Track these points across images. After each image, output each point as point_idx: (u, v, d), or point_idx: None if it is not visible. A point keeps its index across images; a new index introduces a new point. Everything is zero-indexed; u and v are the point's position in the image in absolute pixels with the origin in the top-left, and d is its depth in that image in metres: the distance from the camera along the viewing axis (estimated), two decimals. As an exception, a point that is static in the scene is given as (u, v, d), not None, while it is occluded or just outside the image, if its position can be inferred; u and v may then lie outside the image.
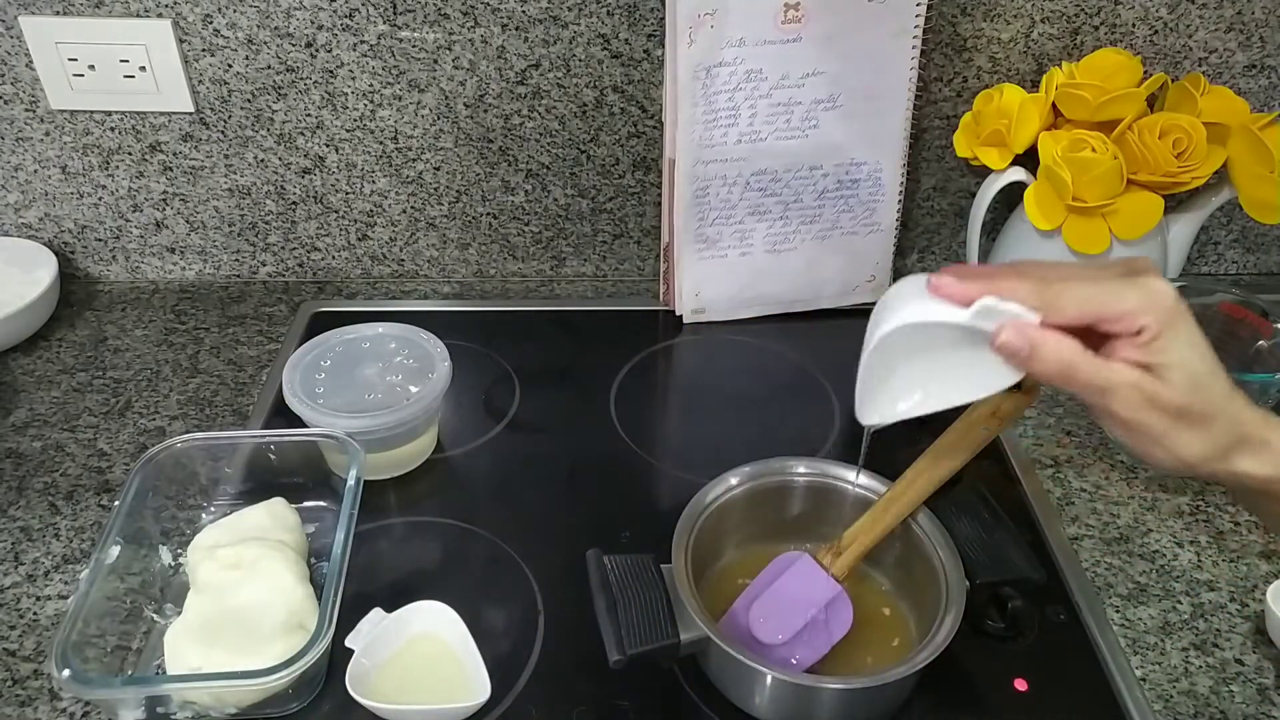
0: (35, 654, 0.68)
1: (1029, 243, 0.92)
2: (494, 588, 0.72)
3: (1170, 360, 0.47)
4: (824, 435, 0.87)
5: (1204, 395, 0.48)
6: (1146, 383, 0.47)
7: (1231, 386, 0.49)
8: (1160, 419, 0.48)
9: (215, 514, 0.75)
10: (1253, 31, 0.93)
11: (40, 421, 0.87)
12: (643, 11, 0.90)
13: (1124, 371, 0.47)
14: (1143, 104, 0.85)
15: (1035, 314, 0.47)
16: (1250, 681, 0.68)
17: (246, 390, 0.91)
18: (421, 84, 0.94)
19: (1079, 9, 0.92)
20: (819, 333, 1.00)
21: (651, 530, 0.72)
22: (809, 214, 0.96)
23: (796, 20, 0.86)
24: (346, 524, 0.67)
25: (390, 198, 1.01)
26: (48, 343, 0.96)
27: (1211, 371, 0.48)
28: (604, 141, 0.98)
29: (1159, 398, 0.47)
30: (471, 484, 0.82)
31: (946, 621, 0.61)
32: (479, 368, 0.93)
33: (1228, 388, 0.48)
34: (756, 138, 0.91)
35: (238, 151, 0.97)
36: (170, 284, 1.05)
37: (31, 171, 0.97)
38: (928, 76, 0.95)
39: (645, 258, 1.06)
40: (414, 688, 0.64)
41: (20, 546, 0.75)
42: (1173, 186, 0.85)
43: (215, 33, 0.90)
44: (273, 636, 0.63)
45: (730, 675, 0.64)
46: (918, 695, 0.64)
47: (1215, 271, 1.10)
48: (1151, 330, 0.46)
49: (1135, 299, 0.47)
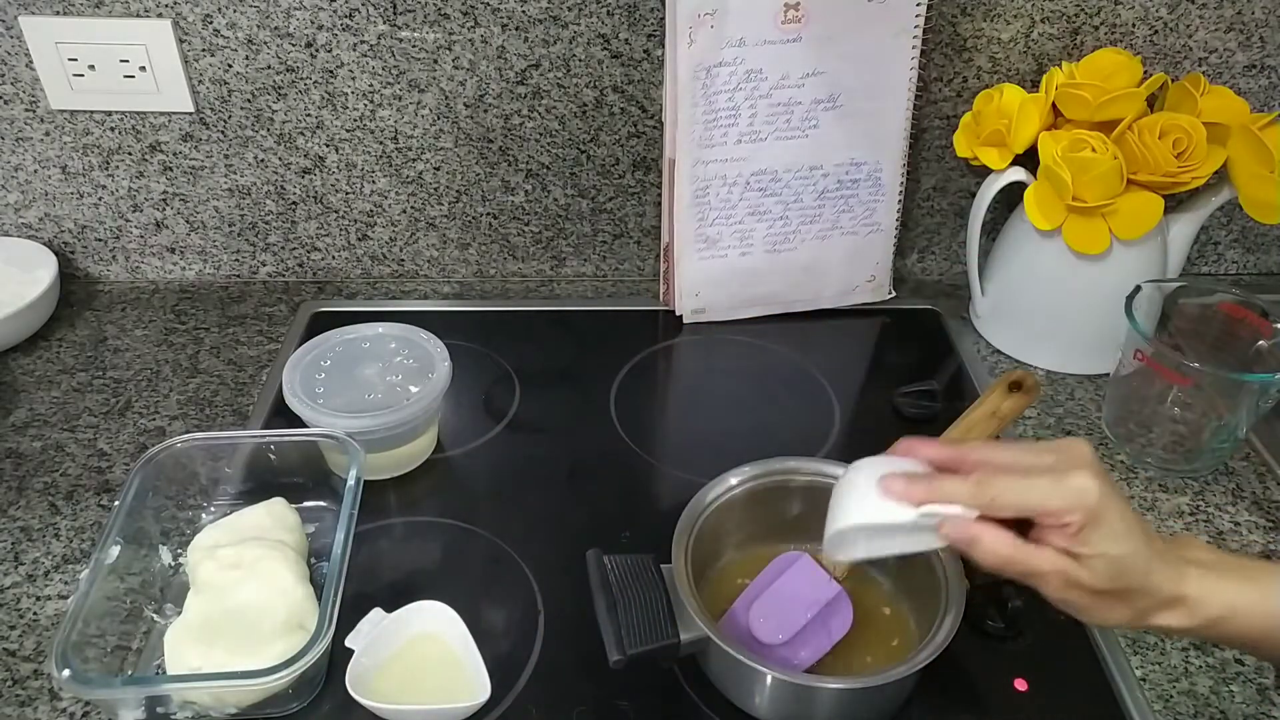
0: (35, 654, 0.68)
1: (1029, 243, 0.92)
2: (494, 588, 0.72)
3: (1092, 551, 0.52)
4: (824, 435, 0.87)
5: (1124, 579, 0.53)
6: (1071, 569, 0.53)
7: (1149, 557, 0.53)
8: (1083, 596, 0.53)
9: (215, 514, 0.75)
10: (1253, 31, 0.93)
11: (40, 421, 0.87)
12: (643, 11, 0.90)
13: (1051, 559, 0.53)
14: (1143, 104, 0.85)
15: (974, 511, 0.53)
16: (1250, 681, 0.68)
17: (246, 390, 0.91)
18: (421, 84, 0.94)
19: (1079, 9, 0.92)
20: (819, 333, 1.00)
21: (651, 530, 0.72)
22: (809, 214, 0.96)
23: (796, 20, 0.86)
24: (346, 524, 0.67)
25: (390, 198, 1.01)
26: (48, 343, 0.96)
27: (1133, 554, 0.53)
28: (604, 141, 0.98)
29: (1082, 582, 0.53)
30: (471, 484, 0.82)
31: (946, 621, 0.61)
32: (479, 368, 0.93)
33: (1145, 562, 0.53)
34: (756, 138, 0.91)
35: (238, 151, 0.97)
36: (170, 284, 1.05)
37: (31, 171, 0.97)
38: (928, 76, 0.95)
39: (645, 258, 1.06)
40: (414, 688, 0.64)
41: (20, 546, 0.75)
42: (1173, 186, 0.85)
43: (215, 33, 0.90)
44: (273, 636, 0.63)
45: (730, 675, 0.64)
46: (918, 695, 0.64)
47: (1215, 271, 1.10)
48: (1076, 525, 0.52)
49: (1061, 499, 0.52)
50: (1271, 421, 0.86)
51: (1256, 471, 0.84)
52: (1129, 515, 0.53)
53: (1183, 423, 0.83)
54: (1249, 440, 0.86)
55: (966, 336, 1.00)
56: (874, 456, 0.58)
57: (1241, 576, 0.55)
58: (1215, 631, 0.55)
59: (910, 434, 0.58)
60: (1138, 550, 0.53)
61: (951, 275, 1.09)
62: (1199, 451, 0.83)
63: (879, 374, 0.95)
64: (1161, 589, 0.53)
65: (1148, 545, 0.53)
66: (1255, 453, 0.86)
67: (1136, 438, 0.85)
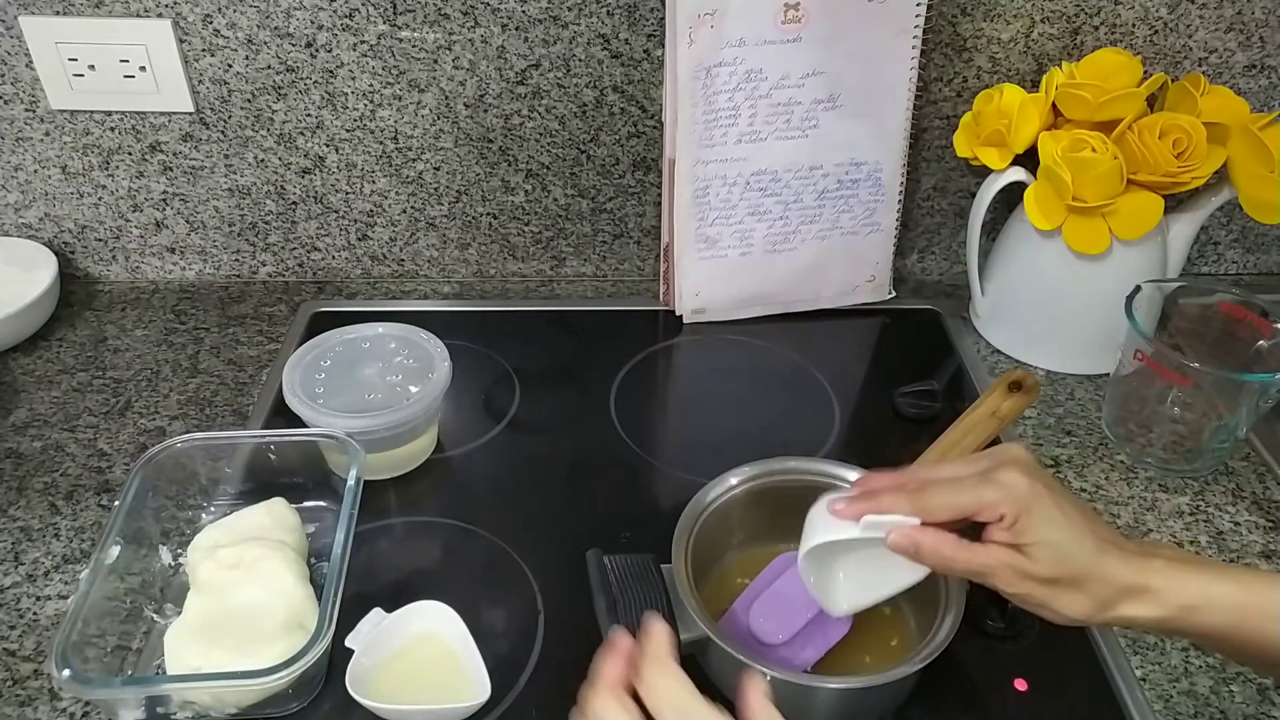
0: (35, 654, 0.68)
1: (1029, 243, 0.92)
2: (494, 588, 0.72)
3: (1033, 539, 0.54)
4: (824, 435, 0.87)
5: (1069, 564, 0.54)
6: (1016, 560, 0.55)
7: (1100, 545, 0.55)
8: (1037, 588, 0.55)
9: (215, 514, 0.75)
10: (1253, 31, 0.93)
11: (40, 421, 0.87)
12: (643, 11, 0.90)
13: (995, 553, 0.55)
14: (1143, 104, 0.85)
15: (915, 519, 0.56)
16: (1250, 681, 0.68)
17: (246, 390, 0.91)
18: (421, 84, 0.94)
19: (1079, 9, 0.92)
20: (819, 333, 1.00)
21: (651, 530, 0.72)
22: (809, 214, 0.96)
23: (796, 20, 0.86)
24: (346, 524, 0.67)
25: (390, 198, 1.01)
26: (48, 343, 0.96)
27: (1076, 540, 0.55)
28: (604, 141, 0.98)
29: (1030, 572, 0.55)
30: (471, 484, 0.82)
31: (946, 621, 0.61)
32: (479, 368, 0.93)
33: (1095, 549, 0.55)
34: (756, 138, 0.91)
35: (238, 151, 0.97)
36: (170, 284, 1.05)
37: (31, 171, 0.97)
38: (928, 76, 0.95)
39: (645, 258, 1.06)
40: (414, 688, 0.64)
41: (20, 546, 0.75)
42: (1173, 186, 0.85)
43: (215, 33, 0.90)
44: (273, 636, 0.63)
45: (730, 675, 0.63)
46: (918, 695, 0.64)
47: (1215, 271, 1.10)
48: (1010, 516, 0.54)
49: (992, 494, 0.55)
50: (1271, 421, 0.86)
51: (1256, 471, 0.84)
52: (1067, 503, 0.56)
53: (1183, 423, 0.83)
54: (1249, 440, 0.86)
55: (966, 336, 1.00)
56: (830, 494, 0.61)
57: (1214, 570, 0.56)
58: (1187, 623, 0.55)
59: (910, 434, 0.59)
60: (1079, 535, 0.55)
61: (951, 275, 1.09)
62: (1199, 451, 0.83)
63: (879, 374, 0.95)
64: (1120, 576, 0.55)
65: (1091, 531, 0.55)
66: (1255, 453, 0.86)
67: (1136, 438, 0.85)
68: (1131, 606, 0.55)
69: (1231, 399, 0.80)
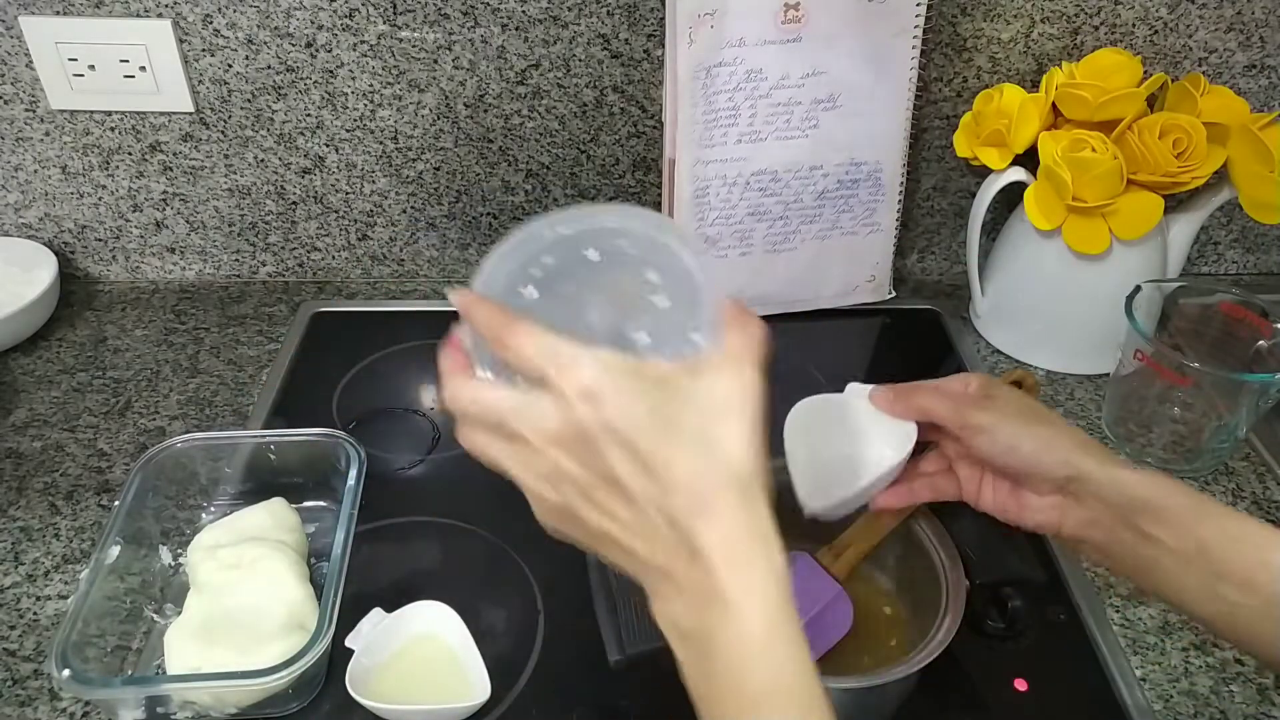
0: (35, 654, 0.68)
1: (1029, 243, 0.92)
2: (494, 588, 0.72)
3: (993, 397, 0.61)
4: (824, 435, 0.87)
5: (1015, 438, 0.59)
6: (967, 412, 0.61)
7: (1054, 431, 0.59)
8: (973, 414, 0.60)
9: (215, 514, 0.75)
10: (1253, 31, 0.93)
11: (40, 421, 0.87)
12: (643, 11, 0.90)
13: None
14: (1143, 104, 0.85)
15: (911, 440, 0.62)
16: (1250, 681, 0.68)
17: (246, 390, 0.91)
18: (421, 84, 0.94)
19: (1079, 9, 0.92)
20: (819, 333, 1.00)
21: (651, 530, 0.72)
22: (809, 214, 0.96)
23: (796, 20, 0.86)
24: (346, 524, 0.67)
25: (390, 198, 1.01)
26: (48, 343, 0.96)
27: (1027, 428, 0.59)
28: (604, 141, 0.98)
29: (973, 418, 0.60)
30: (471, 484, 0.82)
31: (946, 621, 0.61)
32: (479, 368, 0.93)
33: (1048, 434, 0.59)
34: (756, 138, 0.91)
35: (238, 151, 0.97)
36: (170, 284, 1.05)
37: (31, 171, 0.97)
38: (928, 76, 0.95)
39: (645, 258, 1.06)
40: (414, 688, 0.64)
41: (20, 546, 0.75)
42: (1173, 186, 0.85)
43: (215, 33, 0.90)
44: (273, 636, 0.63)
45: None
46: (918, 695, 0.64)
47: (1215, 271, 1.10)
48: (977, 385, 0.61)
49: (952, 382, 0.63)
50: (1271, 421, 0.86)
51: (1256, 471, 0.84)
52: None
53: (1183, 423, 0.83)
54: (1249, 440, 0.86)
55: (966, 336, 1.00)
56: None
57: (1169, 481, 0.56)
58: (1131, 525, 0.54)
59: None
60: (1032, 425, 0.59)
61: (951, 275, 1.09)
62: (1199, 451, 0.83)
63: (879, 374, 0.95)
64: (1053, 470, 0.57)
65: (1050, 424, 0.59)
66: (1255, 453, 0.86)
67: (1136, 438, 0.85)
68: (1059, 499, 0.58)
69: (1231, 399, 0.80)
